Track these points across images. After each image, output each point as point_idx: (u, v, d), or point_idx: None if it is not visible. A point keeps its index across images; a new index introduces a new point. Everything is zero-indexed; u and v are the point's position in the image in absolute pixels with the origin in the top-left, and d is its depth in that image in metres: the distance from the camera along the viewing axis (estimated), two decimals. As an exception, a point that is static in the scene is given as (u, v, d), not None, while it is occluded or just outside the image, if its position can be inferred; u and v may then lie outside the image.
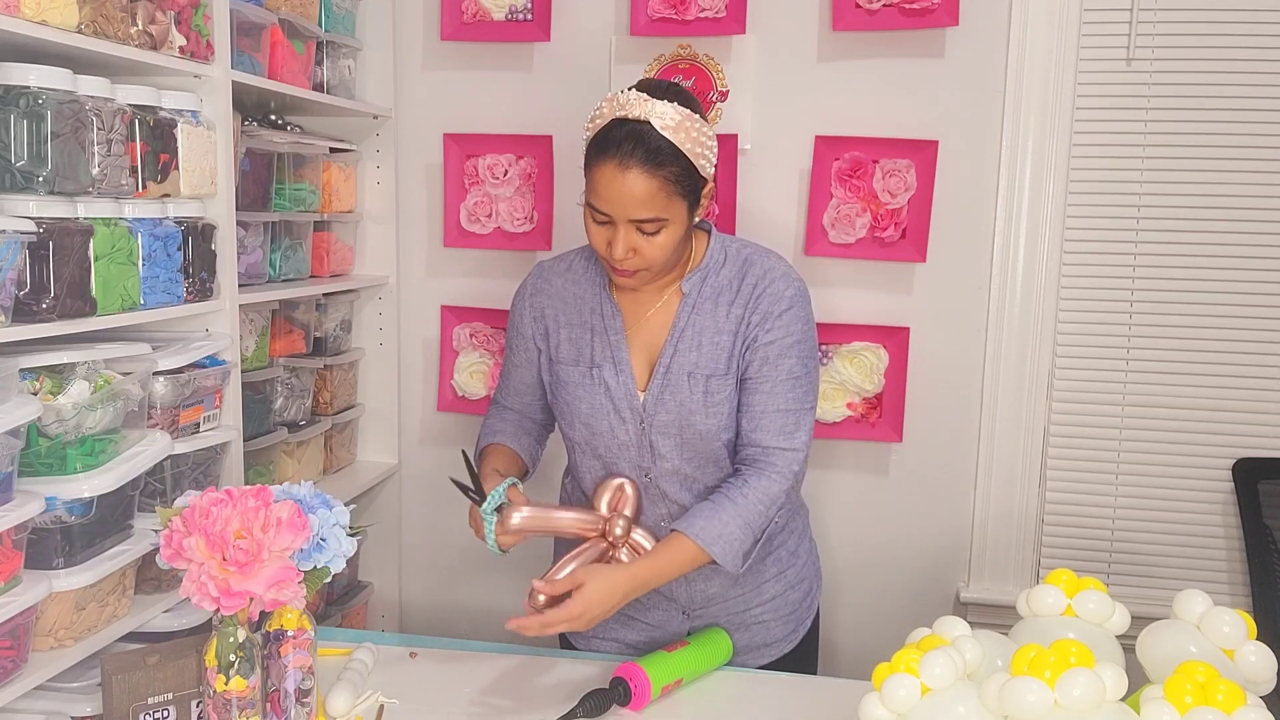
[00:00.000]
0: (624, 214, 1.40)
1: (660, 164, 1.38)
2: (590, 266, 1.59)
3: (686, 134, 1.39)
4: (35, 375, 1.32)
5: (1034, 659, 0.95)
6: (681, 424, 1.50)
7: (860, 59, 2.08)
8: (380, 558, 2.40)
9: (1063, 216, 2.07)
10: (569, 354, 1.57)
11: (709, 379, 1.49)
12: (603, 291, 1.56)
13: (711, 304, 1.51)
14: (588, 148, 1.44)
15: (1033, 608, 1.16)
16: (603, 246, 1.44)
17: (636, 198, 1.38)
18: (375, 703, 1.39)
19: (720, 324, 1.50)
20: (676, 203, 1.41)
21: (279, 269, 1.97)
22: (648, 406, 1.51)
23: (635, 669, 1.40)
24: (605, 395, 1.52)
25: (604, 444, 1.54)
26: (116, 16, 1.39)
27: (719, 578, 1.57)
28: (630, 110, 1.39)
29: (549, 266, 1.64)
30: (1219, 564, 2.11)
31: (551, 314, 1.59)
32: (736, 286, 1.51)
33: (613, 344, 1.53)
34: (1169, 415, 2.10)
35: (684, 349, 1.50)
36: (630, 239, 1.41)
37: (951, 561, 2.20)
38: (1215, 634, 1.08)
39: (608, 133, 1.41)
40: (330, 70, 2.10)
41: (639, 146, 1.37)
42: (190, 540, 1.17)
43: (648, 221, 1.40)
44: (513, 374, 1.67)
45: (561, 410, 1.58)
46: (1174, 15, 1.99)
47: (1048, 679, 0.94)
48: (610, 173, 1.38)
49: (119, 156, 1.42)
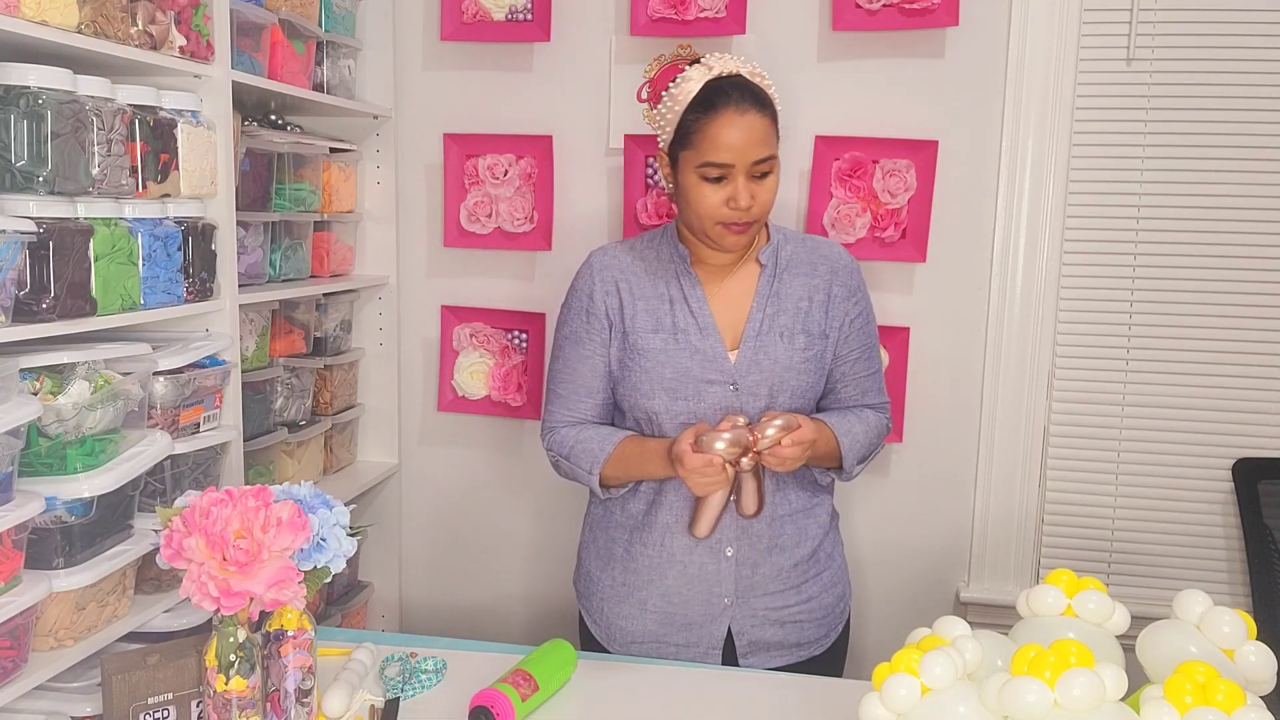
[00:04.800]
0: (746, 158, 1.48)
1: (765, 104, 1.51)
2: (656, 246, 1.64)
3: (763, 80, 1.54)
4: (35, 375, 1.32)
5: (1034, 659, 0.95)
6: (774, 384, 1.55)
7: (860, 59, 2.08)
8: (380, 558, 2.40)
9: (1063, 216, 2.07)
10: (647, 323, 1.58)
11: (800, 335, 1.58)
12: (679, 264, 1.61)
13: (790, 274, 1.61)
14: (687, 112, 1.51)
15: (1032, 608, 1.16)
16: (717, 206, 1.50)
17: (757, 136, 1.48)
18: (365, 703, 1.39)
19: (802, 291, 1.60)
20: (777, 142, 1.53)
21: (279, 269, 1.97)
22: (740, 367, 1.55)
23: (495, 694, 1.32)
24: (693, 358, 1.55)
25: (688, 409, 1.55)
26: (116, 16, 1.39)
27: (766, 565, 1.59)
28: (722, 68, 1.52)
29: (610, 248, 1.67)
30: (1219, 564, 2.11)
31: (625, 286, 1.61)
32: (810, 260, 1.62)
33: (695, 310, 1.58)
34: (1169, 415, 2.10)
35: (773, 312, 1.58)
36: (749, 186, 1.49)
37: (951, 561, 2.20)
38: (1215, 634, 1.07)
39: (712, 89, 1.50)
40: (330, 70, 2.10)
41: (747, 92, 1.49)
42: (190, 540, 1.17)
43: (764, 162, 1.49)
44: (578, 373, 1.62)
45: (637, 383, 1.57)
46: (1174, 15, 1.99)
47: (1048, 679, 0.94)
48: (729, 118, 1.47)
49: (119, 156, 1.42)
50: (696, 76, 1.51)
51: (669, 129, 1.53)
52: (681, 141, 1.51)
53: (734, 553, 1.58)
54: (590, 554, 1.71)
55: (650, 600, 1.62)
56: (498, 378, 2.29)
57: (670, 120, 1.53)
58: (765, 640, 1.62)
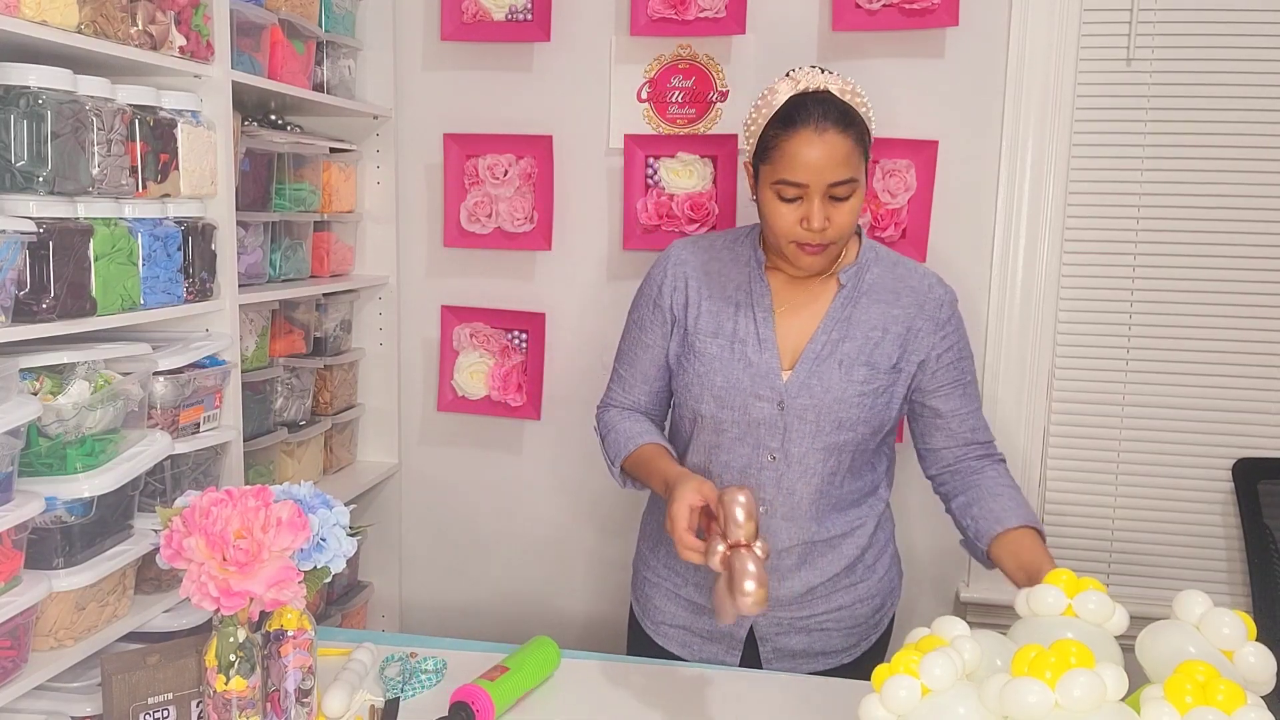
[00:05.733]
0: (823, 179, 1.41)
1: (850, 123, 1.43)
2: (736, 247, 1.60)
3: (855, 96, 1.46)
4: (35, 375, 1.32)
5: (1034, 659, 0.95)
6: (821, 410, 1.50)
7: (860, 59, 2.08)
8: (380, 558, 2.40)
9: (1063, 216, 2.07)
10: (709, 325, 1.56)
11: (861, 368, 1.51)
12: (754, 270, 1.56)
13: (869, 299, 1.54)
14: (768, 128, 1.46)
15: (1032, 608, 1.16)
16: (792, 226, 1.44)
17: (837, 158, 1.41)
18: (365, 703, 1.39)
19: (877, 320, 1.53)
20: (862, 163, 1.46)
21: (279, 269, 1.97)
22: (790, 389, 1.51)
23: (476, 690, 1.32)
24: (745, 370, 1.52)
25: (732, 419, 1.53)
26: (116, 16, 1.39)
27: (795, 579, 1.57)
28: (809, 83, 1.45)
29: (690, 241, 1.64)
30: (1219, 564, 2.11)
31: (695, 284, 1.58)
32: (893, 287, 1.55)
33: (759, 321, 1.54)
34: (1169, 415, 2.10)
35: (838, 338, 1.52)
36: (825, 208, 1.43)
37: (951, 561, 2.20)
38: (1215, 635, 1.07)
39: (794, 105, 1.44)
40: (330, 70, 2.10)
41: (830, 110, 1.42)
42: (190, 540, 1.17)
43: (842, 185, 1.42)
44: (639, 359, 1.63)
45: (689, 383, 1.56)
46: (1174, 15, 1.99)
47: (1048, 679, 0.93)
48: (807, 138, 1.41)
49: (119, 156, 1.42)
50: (783, 90, 1.46)
51: (752, 141, 1.49)
52: (761, 155, 1.47)
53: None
54: (646, 532, 1.73)
55: (683, 589, 1.64)
56: (497, 378, 2.29)
57: (754, 133, 1.48)
58: (790, 648, 1.61)
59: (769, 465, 1.53)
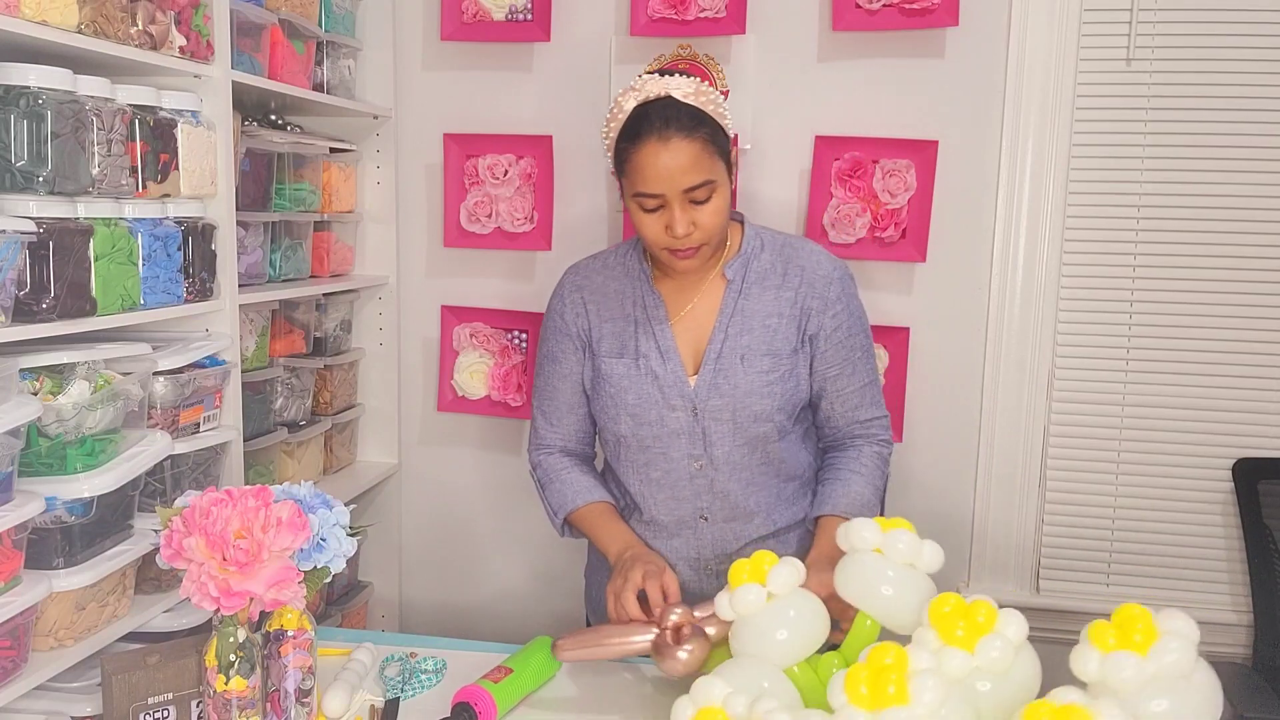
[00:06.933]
0: (676, 186, 1.41)
1: (695, 126, 1.41)
2: (626, 261, 1.61)
3: (703, 95, 1.44)
4: (35, 375, 1.32)
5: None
6: (735, 407, 1.51)
7: (860, 59, 2.08)
8: (380, 558, 2.40)
9: (1063, 216, 2.07)
10: (611, 346, 1.57)
11: (763, 358, 1.51)
12: (643, 284, 1.57)
13: (758, 288, 1.54)
14: (618, 141, 1.46)
15: (735, 609, 1.23)
16: (659, 234, 1.45)
17: (684, 164, 1.40)
18: (365, 703, 1.39)
19: (770, 307, 1.53)
20: (717, 162, 1.44)
21: (279, 269, 1.97)
22: (699, 392, 1.52)
23: (478, 691, 1.32)
24: (653, 384, 1.53)
25: (652, 434, 1.54)
26: (116, 16, 1.39)
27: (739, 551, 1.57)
28: (649, 91, 1.44)
29: (583, 265, 1.65)
30: (1219, 564, 2.11)
31: (594, 308, 1.59)
32: (781, 270, 1.55)
33: (657, 333, 1.55)
34: (1169, 415, 2.10)
35: (735, 332, 1.52)
36: (687, 213, 1.42)
37: (951, 561, 2.19)
38: (894, 553, 1.22)
39: (636, 117, 1.43)
40: (330, 70, 2.10)
41: (671, 117, 1.41)
42: (190, 540, 1.16)
43: (699, 188, 1.41)
44: (559, 391, 1.64)
45: (605, 406, 1.57)
46: (1174, 15, 1.99)
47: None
48: (653, 150, 1.41)
49: (119, 156, 1.42)
50: (628, 102, 1.45)
51: (609, 155, 1.50)
52: (619, 169, 1.47)
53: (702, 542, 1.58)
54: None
55: None
56: (497, 378, 2.29)
57: (609, 147, 1.49)
58: None
59: (699, 474, 1.55)
